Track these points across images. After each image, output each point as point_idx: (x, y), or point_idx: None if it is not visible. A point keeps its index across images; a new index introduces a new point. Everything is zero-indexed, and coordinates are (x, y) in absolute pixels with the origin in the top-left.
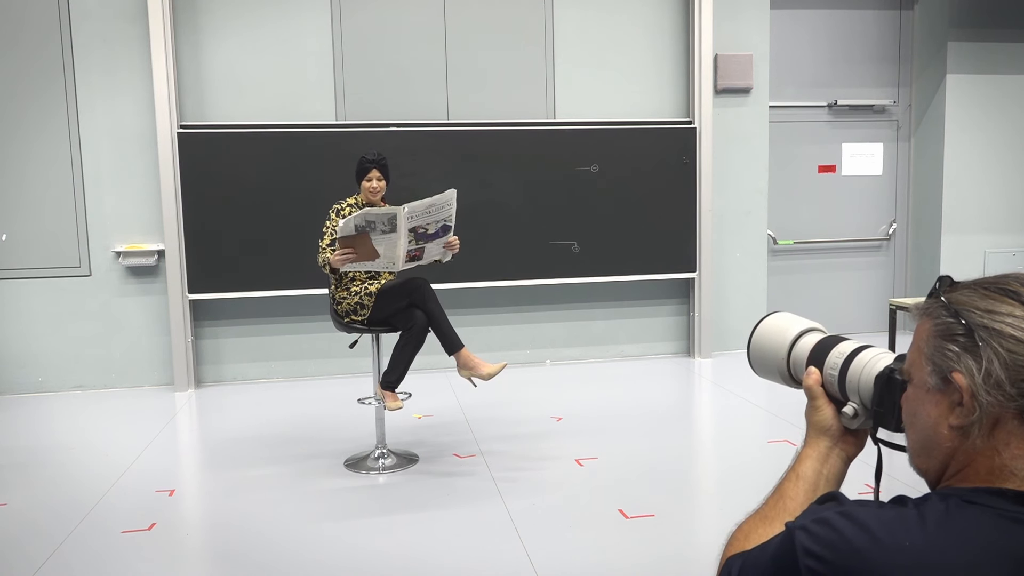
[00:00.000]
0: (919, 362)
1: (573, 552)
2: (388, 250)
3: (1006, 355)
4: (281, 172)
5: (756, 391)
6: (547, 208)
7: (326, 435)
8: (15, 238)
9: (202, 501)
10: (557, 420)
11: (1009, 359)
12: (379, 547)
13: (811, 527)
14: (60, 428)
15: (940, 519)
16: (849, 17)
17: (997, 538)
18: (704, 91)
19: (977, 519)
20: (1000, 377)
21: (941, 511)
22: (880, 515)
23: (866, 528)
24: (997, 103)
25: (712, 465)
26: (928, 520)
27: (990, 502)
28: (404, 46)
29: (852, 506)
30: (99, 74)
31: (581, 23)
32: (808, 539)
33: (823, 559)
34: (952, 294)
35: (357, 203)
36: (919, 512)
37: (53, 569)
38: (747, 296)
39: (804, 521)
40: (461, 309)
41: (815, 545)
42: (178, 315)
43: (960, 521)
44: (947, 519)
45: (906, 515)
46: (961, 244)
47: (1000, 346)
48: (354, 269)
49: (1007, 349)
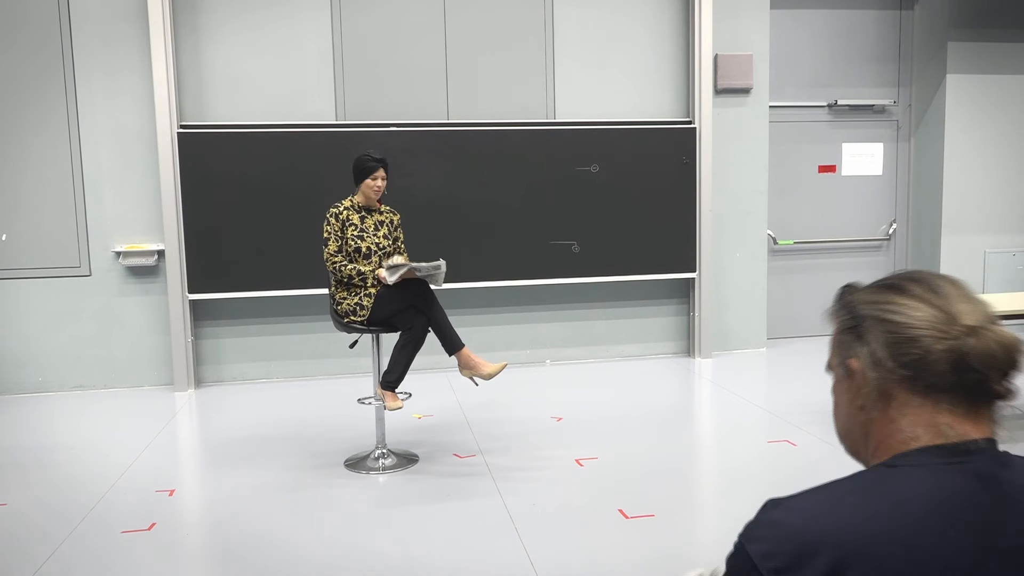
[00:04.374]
0: (833, 358)
1: (573, 552)
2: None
3: (885, 335)
4: (281, 172)
5: (756, 391)
6: (547, 208)
7: (326, 435)
8: (15, 238)
9: (202, 501)
10: (557, 420)
11: (888, 339)
12: (379, 547)
13: (755, 532)
14: (60, 428)
15: (872, 483)
16: (849, 17)
17: (930, 486)
18: (704, 91)
19: (905, 477)
20: (882, 355)
21: (872, 476)
22: (815, 495)
23: (804, 510)
24: (997, 103)
25: (712, 465)
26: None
27: (908, 461)
28: (404, 46)
29: (786, 499)
30: (99, 74)
31: (581, 23)
32: (759, 545)
33: (778, 554)
34: (849, 296)
35: (353, 205)
36: (852, 483)
37: (53, 569)
38: (747, 296)
39: (748, 531)
40: (461, 309)
41: (768, 545)
42: (178, 315)
43: (891, 482)
44: (880, 483)
45: (840, 486)
46: (961, 244)
47: (881, 329)
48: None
49: (886, 330)
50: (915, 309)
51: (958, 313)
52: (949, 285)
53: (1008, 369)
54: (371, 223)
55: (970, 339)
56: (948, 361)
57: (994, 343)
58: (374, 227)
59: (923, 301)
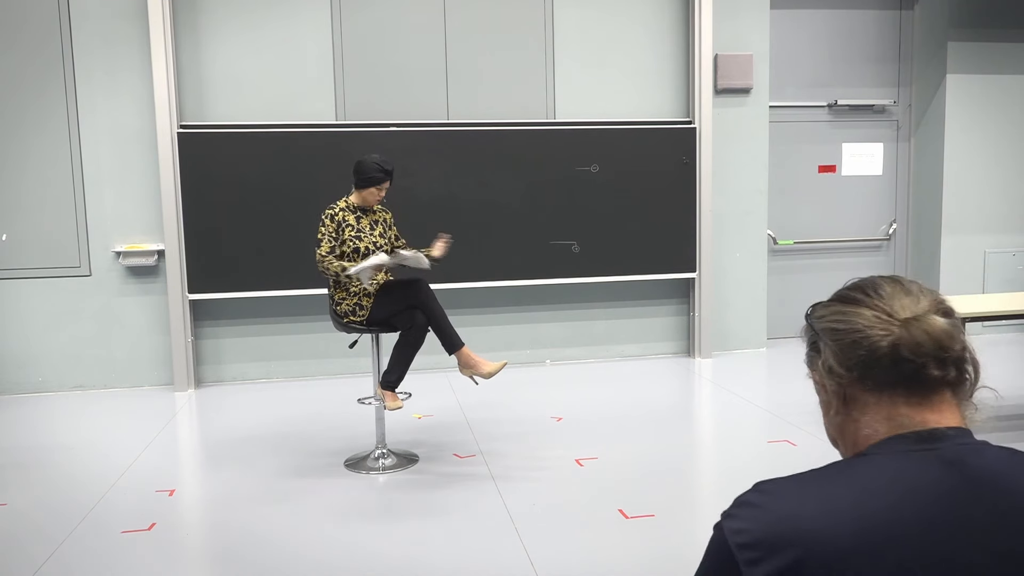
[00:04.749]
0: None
1: (573, 552)
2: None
3: (833, 344)
4: (281, 172)
5: (756, 391)
6: (547, 208)
7: (326, 435)
8: (15, 238)
9: (202, 501)
10: (557, 420)
11: (835, 347)
12: (379, 547)
13: (734, 511)
14: (60, 428)
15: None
16: (849, 17)
17: (894, 471)
18: (704, 91)
19: (871, 465)
20: (832, 363)
21: (843, 465)
22: (795, 482)
23: (783, 494)
24: (997, 103)
25: (712, 465)
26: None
27: (876, 450)
28: (404, 46)
29: (767, 482)
30: (99, 74)
31: (581, 23)
32: (734, 522)
33: (751, 532)
34: (811, 315)
35: (348, 205)
36: (825, 471)
37: (53, 569)
38: (747, 296)
39: (729, 508)
40: (461, 309)
41: (742, 523)
42: (178, 315)
43: (859, 469)
44: (849, 470)
45: (817, 474)
46: (961, 244)
47: (830, 339)
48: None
49: (834, 339)
50: (857, 315)
51: (895, 309)
52: (890, 284)
53: (940, 355)
54: (366, 223)
55: (901, 331)
56: (889, 356)
57: (920, 331)
58: (370, 226)
59: (864, 305)
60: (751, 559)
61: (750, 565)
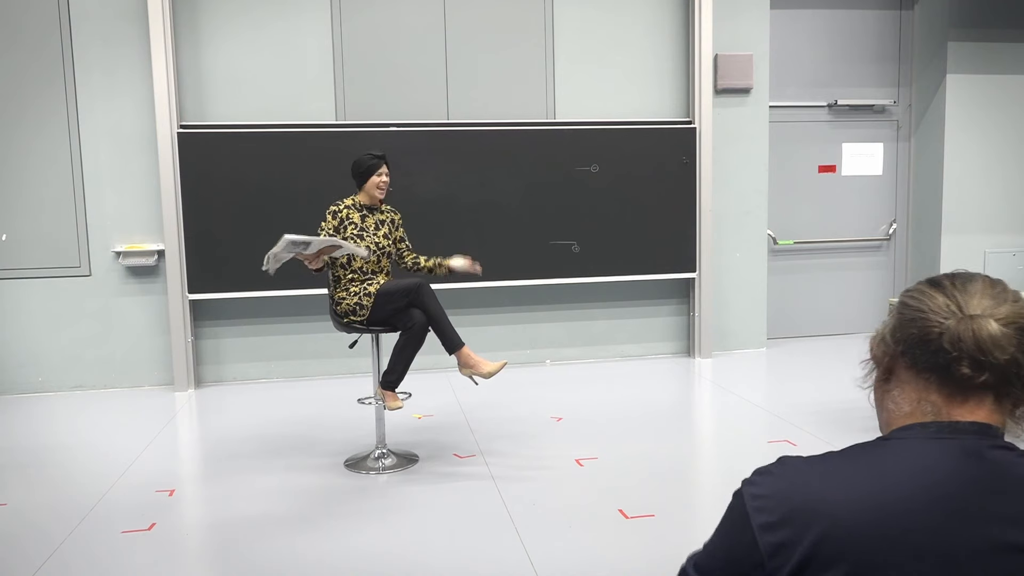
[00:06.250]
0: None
1: (573, 552)
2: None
3: (898, 317)
4: (281, 172)
5: (756, 391)
6: (547, 208)
7: (326, 435)
8: (15, 238)
9: (202, 501)
10: (557, 420)
11: (898, 320)
12: (379, 547)
13: (756, 479)
14: (60, 428)
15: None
16: (849, 17)
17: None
18: (704, 91)
19: (893, 450)
20: (886, 332)
21: (867, 448)
22: (819, 459)
23: (804, 469)
24: (997, 103)
25: (712, 465)
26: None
27: (900, 435)
28: (404, 46)
29: (791, 457)
30: (99, 74)
31: (581, 23)
32: (754, 487)
33: (769, 498)
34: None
35: (355, 204)
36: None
37: (53, 569)
38: (747, 296)
39: (749, 477)
40: (461, 309)
41: (761, 489)
42: (178, 315)
43: (881, 453)
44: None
45: (839, 456)
46: (961, 244)
47: (898, 310)
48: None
49: (899, 313)
50: (931, 298)
51: (967, 304)
52: (983, 283)
53: (978, 357)
54: (371, 222)
55: (956, 324)
56: (933, 342)
57: (967, 329)
58: (375, 226)
59: (943, 293)
60: (766, 524)
61: (764, 530)
